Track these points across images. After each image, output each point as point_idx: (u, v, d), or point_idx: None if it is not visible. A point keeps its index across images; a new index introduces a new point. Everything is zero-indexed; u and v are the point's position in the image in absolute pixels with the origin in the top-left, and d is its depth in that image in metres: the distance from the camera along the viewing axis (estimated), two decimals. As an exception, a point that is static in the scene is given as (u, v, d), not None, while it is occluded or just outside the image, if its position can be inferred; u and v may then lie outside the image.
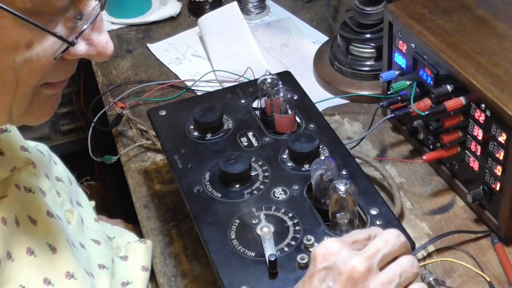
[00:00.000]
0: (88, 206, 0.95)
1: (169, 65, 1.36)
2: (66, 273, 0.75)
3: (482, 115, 0.91)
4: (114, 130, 1.21)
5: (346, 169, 0.90)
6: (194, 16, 1.49)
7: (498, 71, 0.92)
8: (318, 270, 0.65)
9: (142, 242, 0.97)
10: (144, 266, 0.93)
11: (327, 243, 0.65)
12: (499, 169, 0.91)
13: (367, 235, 0.68)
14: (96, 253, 0.88)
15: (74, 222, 0.85)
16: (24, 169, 0.79)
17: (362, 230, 0.69)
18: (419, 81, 1.02)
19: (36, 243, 0.73)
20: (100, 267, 0.86)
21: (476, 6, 1.04)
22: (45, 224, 0.76)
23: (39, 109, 0.68)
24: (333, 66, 1.28)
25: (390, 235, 0.67)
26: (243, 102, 1.04)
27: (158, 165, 1.13)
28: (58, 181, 0.88)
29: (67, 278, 0.75)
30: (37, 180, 0.80)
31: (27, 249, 0.71)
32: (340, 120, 1.19)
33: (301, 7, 1.52)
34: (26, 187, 0.77)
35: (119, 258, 0.93)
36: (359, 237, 0.68)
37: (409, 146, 1.13)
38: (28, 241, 0.72)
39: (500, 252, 0.93)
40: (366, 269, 0.63)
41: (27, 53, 0.59)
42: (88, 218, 0.92)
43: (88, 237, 0.89)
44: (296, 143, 0.92)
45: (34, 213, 0.75)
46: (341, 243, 0.65)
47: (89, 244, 0.87)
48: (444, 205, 1.02)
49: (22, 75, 0.60)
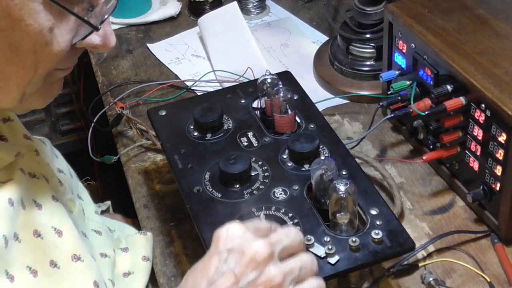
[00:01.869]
0: (89, 200, 0.96)
1: (169, 65, 1.36)
2: (72, 256, 0.76)
3: (482, 115, 0.91)
4: (114, 130, 1.21)
5: (346, 169, 0.90)
6: (194, 16, 1.49)
7: (498, 71, 0.92)
8: (220, 251, 0.65)
9: (143, 234, 0.97)
10: (145, 256, 0.94)
11: (230, 226, 0.66)
12: (499, 169, 0.91)
13: (269, 226, 0.68)
14: (98, 242, 0.89)
15: (75, 211, 0.86)
16: (28, 155, 0.80)
17: (264, 221, 0.70)
18: (419, 81, 1.02)
19: (43, 226, 0.74)
20: (102, 255, 0.87)
21: (476, 6, 1.04)
22: (50, 208, 0.77)
23: (47, 91, 0.71)
24: (333, 66, 1.28)
25: (290, 230, 0.68)
26: (243, 102, 1.04)
27: (158, 165, 1.13)
28: (60, 172, 0.89)
29: (74, 260, 0.76)
30: (40, 167, 0.81)
31: (34, 231, 0.72)
32: (340, 120, 1.19)
33: (301, 7, 1.52)
34: (31, 173, 0.78)
35: (120, 249, 0.94)
36: (261, 226, 0.68)
37: (409, 146, 1.13)
38: (34, 223, 0.73)
39: (500, 252, 0.93)
40: (268, 254, 0.63)
41: (49, 37, 0.62)
42: (89, 210, 0.93)
43: (90, 227, 0.90)
44: (296, 143, 0.92)
45: (39, 197, 0.76)
46: (244, 227, 0.66)
47: (90, 234, 0.88)
48: (444, 205, 1.02)
49: (42, 58, 0.64)
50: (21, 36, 0.61)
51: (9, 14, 0.60)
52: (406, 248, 0.80)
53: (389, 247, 0.80)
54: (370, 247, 0.80)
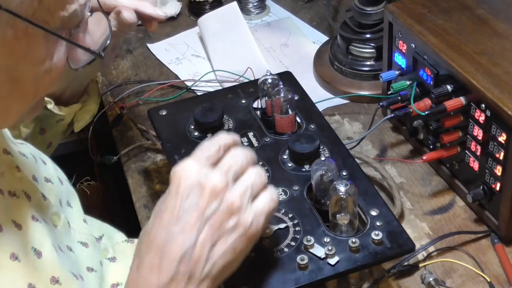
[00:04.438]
0: (78, 207, 0.93)
1: (169, 65, 1.36)
2: (51, 278, 0.74)
3: (482, 115, 0.91)
4: (114, 130, 1.21)
5: (347, 170, 0.90)
6: (194, 16, 1.49)
7: (498, 71, 0.92)
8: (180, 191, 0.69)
9: (130, 242, 0.96)
10: None
11: (185, 164, 0.70)
12: (499, 169, 0.91)
13: (217, 147, 0.73)
14: (85, 255, 0.86)
15: (60, 225, 0.84)
16: (8, 172, 0.77)
17: (211, 142, 0.73)
18: (419, 81, 1.02)
19: (21, 248, 0.72)
20: (88, 270, 0.85)
21: (476, 6, 1.04)
22: (30, 228, 0.75)
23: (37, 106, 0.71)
24: (333, 66, 1.28)
25: (237, 153, 0.73)
26: (244, 102, 1.04)
27: (158, 165, 1.13)
28: (47, 182, 0.86)
29: (52, 283, 0.74)
30: (22, 184, 0.79)
31: (11, 254, 0.70)
32: (340, 120, 1.19)
33: (301, 7, 1.52)
34: (11, 192, 0.75)
35: (107, 259, 0.92)
36: (211, 152, 0.72)
37: (409, 146, 1.13)
38: (12, 246, 0.71)
39: (500, 252, 0.93)
40: (225, 184, 0.69)
41: (49, 65, 0.64)
42: (75, 220, 0.90)
43: (76, 239, 0.87)
44: (296, 144, 0.92)
45: (18, 217, 0.74)
46: (198, 161, 0.70)
47: (76, 247, 0.86)
48: (444, 205, 1.02)
49: (43, 85, 0.66)
50: (24, 69, 0.63)
51: (15, 53, 0.61)
52: (406, 249, 0.80)
53: (389, 248, 0.80)
54: (370, 248, 0.80)
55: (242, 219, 0.69)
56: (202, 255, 0.67)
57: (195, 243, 0.67)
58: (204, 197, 0.68)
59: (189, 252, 0.67)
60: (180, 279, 0.67)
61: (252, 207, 0.71)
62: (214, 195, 0.68)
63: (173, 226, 0.68)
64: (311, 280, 0.77)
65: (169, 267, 0.67)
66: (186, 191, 0.69)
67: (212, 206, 0.68)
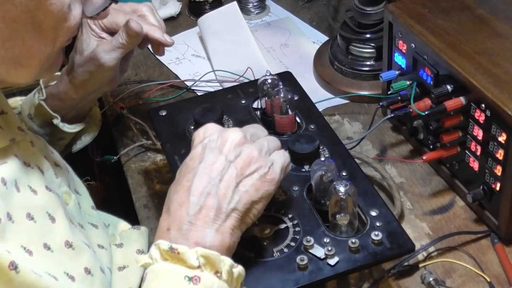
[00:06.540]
0: (86, 195, 0.96)
1: (169, 65, 1.36)
2: (65, 242, 0.77)
3: (482, 115, 0.91)
4: (114, 130, 1.21)
5: (346, 170, 0.90)
6: (194, 16, 1.49)
7: (498, 71, 0.92)
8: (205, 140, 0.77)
9: (136, 229, 0.98)
10: (139, 250, 0.94)
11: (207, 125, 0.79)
12: (499, 169, 0.91)
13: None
14: (95, 234, 0.89)
15: (71, 204, 0.86)
16: (23, 144, 0.80)
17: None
18: (419, 81, 1.02)
19: (36, 210, 0.74)
20: (99, 246, 0.87)
21: (476, 6, 1.04)
22: (44, 196, 0.77)
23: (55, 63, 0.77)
24: (333, 66, 1.28)
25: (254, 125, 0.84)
26: (244, 103, 1.04)
27: (158, 165, 1.13)
28: (56, 166, 0.89)
29: (66, 247, 0.77)
30: (35, 158, 0.81)
31: (27, 214, 0.73)
32: (340, 120, 1.19)
33: (301, 7, 1.52)
34: (25, 162, 0.78)
35: (115, 245, 0.94)
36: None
37: (409, 146, 1.13)
38: (28, 206, 0.73)
39: (500, 252, 0.93)
40: (243, 137, 0.77)
41: (67, 13, 0.71)
42: (85, 205, 0.93)
43: (86, 220, 0.90)
44: (296, 144, 0.92)
45: (34, 184, 0.77)
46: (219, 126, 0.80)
47: (87, 226, 0.89)
48: (444, 205, 1.02)
49: (61, 33, 0.72)
50: (44, 15, 0.68)
51: None
52: (405, 249, 0.80)
53: (389, 248, 0.80)
54: (370, 248, 0.80)
55: (261, 165, 0.75)
56: (228, 191, 0.73)
57: (221, 180, 0.73)
58: (227, 146, 0.76)
59: (215, 188, 0.72)
60: (209, 210, 0.71)
61: (269, 158, 0.77)
62: (234, 145, 0.76)
63: (198, 165, 0.74)
64: (311, 280, 0.77)
65: (197, 199, 0.71)
66: (209, 141, 0.76)
67: (234, 153, 0.75)
